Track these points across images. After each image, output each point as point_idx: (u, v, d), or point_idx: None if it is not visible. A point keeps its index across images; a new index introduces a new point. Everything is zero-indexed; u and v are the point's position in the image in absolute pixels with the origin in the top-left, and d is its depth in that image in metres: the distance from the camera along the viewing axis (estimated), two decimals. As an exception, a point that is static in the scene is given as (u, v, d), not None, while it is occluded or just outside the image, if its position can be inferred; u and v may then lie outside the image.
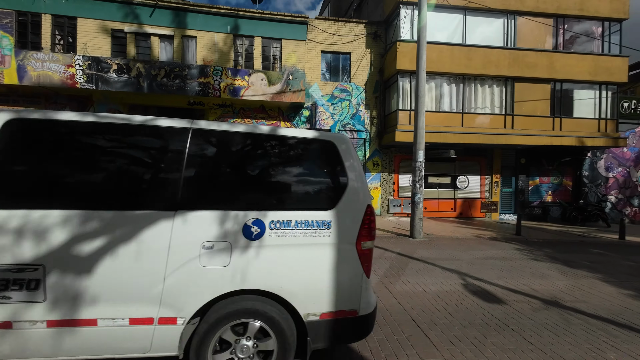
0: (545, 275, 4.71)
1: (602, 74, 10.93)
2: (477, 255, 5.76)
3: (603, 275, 4.85)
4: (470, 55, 10.39)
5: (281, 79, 10.19)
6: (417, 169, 7.21)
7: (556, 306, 3.50)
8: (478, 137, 10.37)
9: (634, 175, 12.49)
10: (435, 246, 6.45)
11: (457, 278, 4.34)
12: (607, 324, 3.11)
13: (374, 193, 11.40)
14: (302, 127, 11.13)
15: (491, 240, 7.46)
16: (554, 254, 6.25)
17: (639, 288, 4.28)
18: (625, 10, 11.06)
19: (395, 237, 7.33)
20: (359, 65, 11.35)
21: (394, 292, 3.68)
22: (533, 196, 12.23)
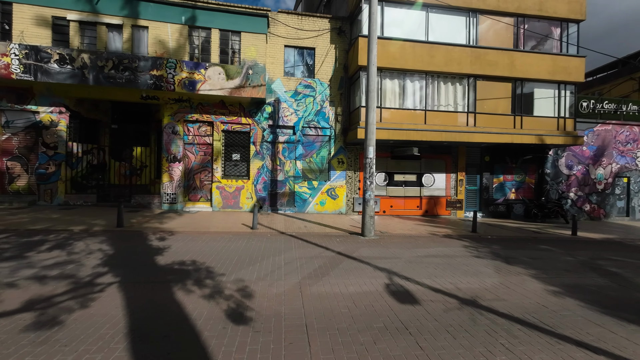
0: (478, 272, 4.60)
1: (561, 73, 11.15)
2: (420, 253, 5.62)
3: (537, 271, 4.79)
4: (432, 52, 10.35)
5: (240, 73, 9.81)
6: (368, 166, 7.03)
7: (472, 306, 3.35)
8: (441, 135, 10.35)
9: (592, 173, 12.86)
10: (383, 244, 6.29)
11: (384, 277, 4.15)
12: (515, 323, 2.97)
13: (339, 191, 11.21)
14: (264, 123, 10.79)
15: (444, 238, 7.39)
16: (499, 250, 6.21)
17: (566, 284, 4.22)
18: (582, 11, 11.33)
19: (346, 235, 7.13)
20: (323, 61, 11.12)
21: (305, 295, 3.43)
22: (497, 194, 12.38)
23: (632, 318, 3.22)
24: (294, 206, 10.98)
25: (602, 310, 3.39)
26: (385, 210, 11.53)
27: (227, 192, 10.56)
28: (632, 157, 13.20)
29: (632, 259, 6.00)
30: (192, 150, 10.58)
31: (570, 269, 5.02)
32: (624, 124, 13.06)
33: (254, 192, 10.72)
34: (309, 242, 6.21)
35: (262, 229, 7.41)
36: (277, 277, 3.99)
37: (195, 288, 3.43)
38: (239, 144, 10.84)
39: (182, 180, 10.40)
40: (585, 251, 6.51)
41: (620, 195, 13.21)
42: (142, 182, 11.18)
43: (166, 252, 4.89)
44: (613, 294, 3.93)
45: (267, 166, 10.86)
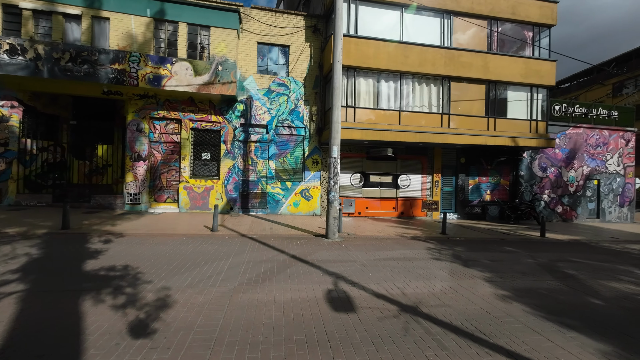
0: (432, 276, 4.42)
1: (533, 76, 11.29)
2: (380, 256, 5.42)
3: (493, 274, 4.66)
4: (406, 52, 10.28)
5: (209, 69, 9.46)
6: (332, 165, 6.81)
7: (411, 313, 3.15)
8: (415, 136, 10.27)
9: (564, 175, 13.09)
10: (344, 247, 6.06)
11: (329, 283, 3.91)
12: (450, 332, 2.78)
13: (314, 192, 10.96)
14: (235, 121, 10.45)
15: (411, 240, 7.24)
16: (462, 252, 6.09)
17: (518, 288, 4.09)
18: (553, 17, 11.53)
19: (310, 238, 6.88)
20: (297, 59, 10.89)
21: (233, 304, 3.15)
22: (473, 195, 12.41)
23: (573, 324, 3.08)
24: (267, 207, 10.66)
25: (546, 315, 3.25)
26: (360, 211, 11.35)
27: (196, 193, 10.14)
28: (602, 160, 13.52)
29: (592, 260, 5.98)
30: (159, 148, 10.13)
31: (528, 272, 4.92)
32: (594, 128, 13.37)
33: (224, 192, 10.34)
34: (267, 244, 5.92)
35: (223, 231, 7.06)
36: (211, 283, 3.69)
37: (108, 297, 3.09)
38: (208, 143, 10.46)
39: (147, 180, 9.93)
40: (548, 253, 6.48)
41: (591, 197, 13.49)
42: (105, 182, 10.63)
43: (101, 257, 4.50)
44: (562, 298, 3.81)
45: (239, 166, 10.51)
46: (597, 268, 5.40)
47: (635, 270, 5.39)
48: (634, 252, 7.14)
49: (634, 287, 4.38)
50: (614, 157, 13.67)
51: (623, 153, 13.79)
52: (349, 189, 11.30)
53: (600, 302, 3.73)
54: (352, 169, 11.37)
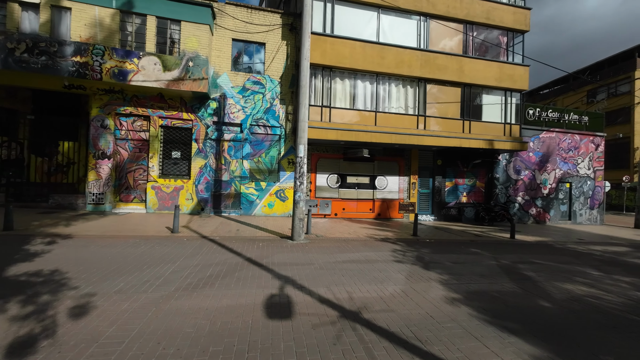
0: (386, 279, 4.29)
1: (507, 80, 11.50)
2: (341, 259, 5.27)
3: (450, 277, 4.58)
4: (383, 53, 10.26)
5: (179, 64, 9.13)
6: (298, 165, 6.64)
7: (351, 319, 2.99)
8: (390, 137, 10.24)
9: (538, 178, 13.38)
10: (307, 249, 5.88)
11: (276, 287, 3.71)
12: (384, 340, 2.63)
13: (289, 193, 10.75)
14: (208, 119, 10.14)
15: (380, 241, 7.13)
16: (427, 254, 6.02)
17: (471, 291, 4.01)
18: (526, 22, 11.80)
19: (275, 239, 6.66)
20: (274, 57, 10.69)
21: (158, 311, 2.91)
22: (450, 197, 12.50)
23: (516, 328, 2.99)
24: (240, 208, 10.37)
25: (491, 319, 3.16)
26: (337, 212, 11.22)
27: (164, 193, 9.75)
28: (574, 164, 13.91)
29: (553, 262, 6.02)
30: (125, 146, 9.69)
31: (486, 274, 4.87)
32: (566, 132, 13.75)
33: (194, 192, 9.99)
34: (226, 247, 5.66)
35: (185, 232, 6.75)
36: (145, 289, 3.42)
37: (15, 306, 2.79)
38: (179, 141, 10.09)
39: (113, 179, 9.47)
40: (513, 255, 6.50)
41: (563, 200, 13.85)
42: (68, 181, 10.08)
43: (34, 260, 4.15)
44: (512, 301, 3.75)
45: (211, 165, 10.19)
46: (556, 270, 5.42)
47: (593, 271, 5.44)
48: (595, 253, 7.28)
49: (586, 289, 4.38)
50: (585, 160, 14.10)
51: (593, 157, 14.24)
52: (325, 190, 11.16)
53: (549, 305, 3.69)
54: (328, 170, 11.23)
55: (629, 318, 3.42)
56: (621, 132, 23.68)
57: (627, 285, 4.72)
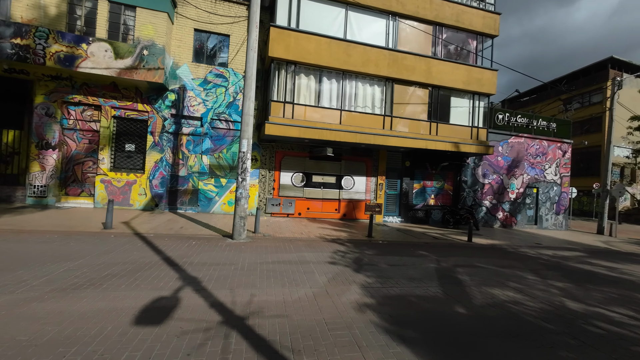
0: (306, 281, 4.05)
1: (474, 84, 11.52)
2: (271, 259, 5.00)
3: (377, 280, 4.38)
4: (349, 51, 10.08)
5: (132, 52, 8.68)
6: (241, 160, 6.33)
7: (230, 325, 2.71)
8: (355, 136, 10.05)
9: (506, 182, 13.50)
10: (242, 249, 5.58)
11: (172, 289, 3.41)
12: (252, 349, 2.37)
13: (251, 191, 10.42)
14: (166, 112, 9.71)
15: (328, 242, 6.90)
16: (369, 255, 5.82)
17: (389, 296, 3.80)
18: (495, 27, 11.87)
19: (216, 238, 6.34)
20: (238, 50, 10.36)
21: (11, 314, 2.56)
22: (417, 199, 12.44)
23: (412, 337, 2.79)
24: (198, 205, 9.97)
25: (390, 327, 2.95)
26: (301, 212, 10.95)
27: (115, 187, 9.26)
28: (541, 169, 14.12)
29: (496, 265, 5.93)
30: (74, 136, 9.16)
31: (418, 277, 4.70)
32: (534, 138, 13.94)
33: (148, 188, 9.54)
34: (152, 245, 5.31)
35: (121, 229, 6.35)
36: (13, 289, 3.06)
37: None
38: (133, 133, 9.62)
39: (58, 171, 8.92)
40: (459, 257, 6.38)
41: (530, 205, 14.02)
42: (10, 172, 9.44)
43: None
44: (427, 306, 3.56)
45: (167, 160, 9.75)
46: (494, 273, 5.31)
47: (530, 276, 5.36)
48: (544, 257, 7.27)
49: (512, 294, 4.26)
50: (552, 166, 14.33)
51: (560, 163, 14.50)
52: (290, 188, 10.88)
53: (464, 311, 3.52)
54: (294, 168, 10.96)
55: (539, 325, 3.28)
56: (594, 140, 24.39)
57: (557, 290, 4.64)
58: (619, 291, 4.90)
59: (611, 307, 4.07)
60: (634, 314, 3.88)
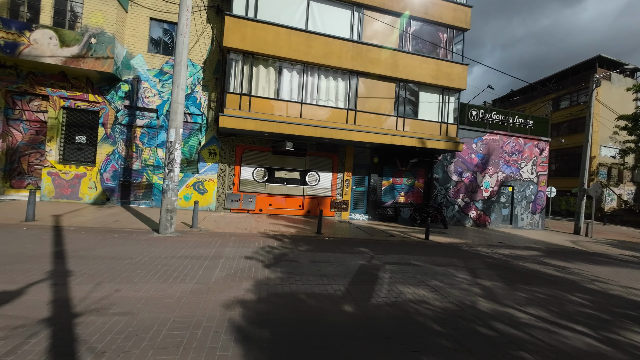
0: (193, 277, 3.76)
1: (444, 78, 11.21)
2: (182, 254, 4.71)
3: (282, 276, 4.08)
4: (310, 42, 9.77)
5: (79, 40, 8.39)
6: (168, 150, 6.05)
7: (47, 324, 2.42)
8: (316, 130, 9.73)
9: (479, 180, 13.19)
10: (157, 244, 5.29)
11: (26, 282, 3.12)
12: (47, 352, 2.07)
13: (209, 185, 10.13)
14: (118, 103, 9.41)
15: (267, 238, 6.60)
16: (299, 252, 5.53)
17: (280, 294, 3.50)
18: (467, 21, 11.54)
19: (143, 232, 6.05)
20: (197, 41, 10.05)
21: None
22: (386, 196, 12.13)
23: (260, 337, 2.49)
24: (152, 200, 9.68)
25: (245, 326, 2.65)
26: (262, 208, 10.66)
27: (63, 180, 8.97)
28: (517, 168, 13.80)
29: (434, 264, 5.63)
30: (19, 127, 8.86)
31: (334, 274, 4.40)
32: (510, 135, 13.62)
33: (99, 181, 9.24)
34: (62, 238, 5.02)
35: (45, 221, 6.05)
36: None
37: None
38: (84, 125, 9.32)
39: (2, 163, 8.63)
40: (398, 255, 6.08)
41: (505, 204, 13.71)
42: (-44, 163, 9.16)
43: None
44: (311, 304, 3.26)
45: (120, 152, 9.46)
46: (423, 271, 5.01)
47: (462, 275, 5.06)
48: (495, 256, 6.97)
49: (424, 293, 3.96)
50: (529, 165, 14.02)
51: (537, 162, 14.18)
52: (251, 184, 10.58)
53: (352, 310, 3.22)
54: (255, 163, 10.66)
55: (426, 327, 2.98)
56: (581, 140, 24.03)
57: (479, 290, 4.34)
58: (550, 291, 4.60)
59: (526, 308, 3.77)
60: (546, 316, 3.58)
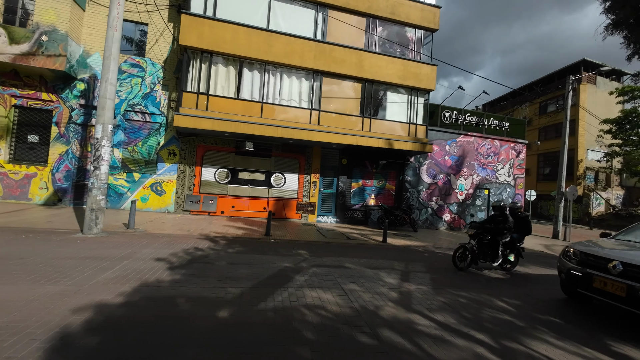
0: (62, 278, 3.47)
1: (411, 79, 11.03)
2: (85, 255, 4.42)
3: (175, 279, 3.79)
4: (271, 41, 9.62)
5: (30, 38, 8.24)
6: (94, 147, 5.81)
7: None
8: (276, 130, 9.50)
9: (454, 182, 12.92)
10: (66, 244, 4.99)
11: None
12: None
13: (167, 187, 9.87)
14: (74, 102, 9.22)
15: (203, 240, 6.30)
16: (227, 254, 5.23)
17: (137, 296, 3.21)
18: (435, 21, 11.42)
19: (66, 232, 5.76)
20: (157, 40, 9.91)
21: None
22: (355, 199, 11.85)
23: (81, 344, 2.20)
24: (107, 201, 9.37)
25: (76, 334, 2.36)
26: (224, 210, 10.36)
27: (12, 180, 8.72)
28: (493, 170, 13.54)
29: (366, 266, 5.31)
30: (-32, 126, 8.66)
31: (241, 277, 4.10)
32: (485, 137, 13.40)
33: (50, 181, 8.99)
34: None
35: (-33, 221, 5.79)
36: None
37: None
38: (37, 124, 9.11)
39: (-52, 162, 8.41)
40: (335, 257, 5.77)
41: (481, 207, 13.41)
42: None
43: None
44: (180, 309, 2.96)
45: (74, 152, 9.23)
46: (348, 275, 4.70)
47: (389, 278, 4.75)
48: (447, 260, 6.65)
49: (330, 297, 3.65)
50: (505, 167, 13.77)
51: (514, 164, 13.93)
52: (213, 185, 10.31)
53: (225, 315, 2.91)
54: (217, 164, 10.41)
55: (297, 335, 2.68)
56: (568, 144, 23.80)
57: (395, 294, 4.03)
58: (478, 296, 4.29)
59: (435, 314, 3.45)
60: (452, 322, 3.27)
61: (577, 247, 4.30)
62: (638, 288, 3.28)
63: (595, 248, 4.15)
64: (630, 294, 3.33)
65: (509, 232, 5.86)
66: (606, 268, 3.65)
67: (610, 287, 3.54)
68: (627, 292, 3.36)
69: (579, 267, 3.98)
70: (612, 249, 4.08)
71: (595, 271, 3.76)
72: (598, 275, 3.70)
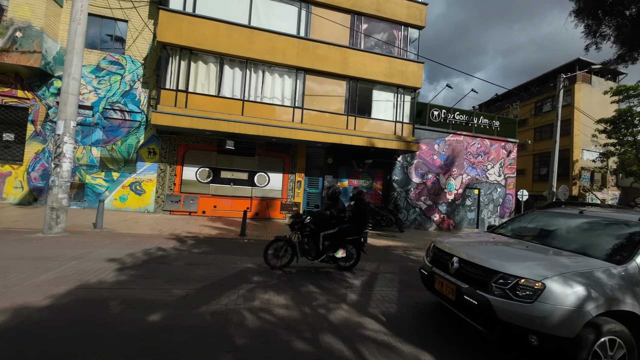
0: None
1: (397, 77, 10.85)
2: (27, 256, 4.23)
3: (101, 281, 3.59)
4: (252, 38, 9.45)
5: (3, 34, 8.08)
6: (55, 144, 5.63)
7: None
8: (257, 128, 9.33)
9: (443, 182, 12.71)
10: (16, 244, 4.80)
11: None
12: None
13: (147, 186, 9.68)
14: (50, 100, 9.05)
15: (173, 240, 6.11)
16: (189, 255, 5.03)
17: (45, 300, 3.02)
18: (422, 18, 11.26)
19: (25, 232, 5.57)
20: (137, 37, 9.75)
21: None
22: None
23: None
24: (84, 201, 9.22)
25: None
26: (206, 210, 10.16)
27: (-15, 179, 8.55)
28: (483, 170, 13.34)
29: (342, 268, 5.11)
30: (-60, 123, 8.50)
31: (198, 278, 3.90)
32: (475, 136, 13.20)
33: (26, 180, 8.81)
34: None
35: None
36: None
37: None
38: (12, 122, 8.95)
39: None
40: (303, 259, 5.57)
41: (471, 207, 13.19)
42: None
43: None
44: (106, 315, 2.76)
45: (51, 151, 9.05)
46: (314, 276, 4.50)
47: (354, 280, 4.54)
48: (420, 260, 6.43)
49: (283, 301, 3.45)
50: (495, 167, 13.56)
51: (504, 164, 13.72)
52: (194, 184, 10.12)
53: (157, 319, 2.71)
54: (199, 163, 10.22)
55: (228, 340, 2.48)
56: (563, 143, 23.63)
57: (354, 296, 3.83)
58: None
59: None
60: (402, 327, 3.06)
61: (437, 240, 3.48)
62: (464, 290, 2.61)
63: (449, 241, 3.38)
64: (458, 297, 2.67)
65: (338, 223, 4.90)
66: (447, 266, 2.98)
67: (446, 289, 2.88)
68: (456, 294, 2.71)
69: (429, 264, 3.29)
70: (463, 243, 3.30)
71: (439, 269, 3.09)
72: (438, 274, 3.03)
